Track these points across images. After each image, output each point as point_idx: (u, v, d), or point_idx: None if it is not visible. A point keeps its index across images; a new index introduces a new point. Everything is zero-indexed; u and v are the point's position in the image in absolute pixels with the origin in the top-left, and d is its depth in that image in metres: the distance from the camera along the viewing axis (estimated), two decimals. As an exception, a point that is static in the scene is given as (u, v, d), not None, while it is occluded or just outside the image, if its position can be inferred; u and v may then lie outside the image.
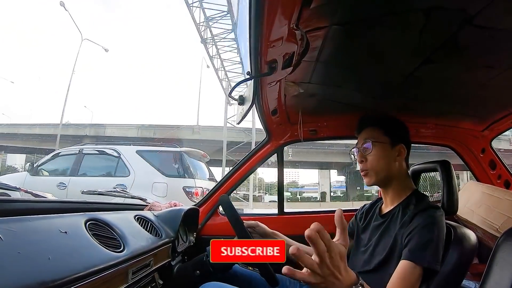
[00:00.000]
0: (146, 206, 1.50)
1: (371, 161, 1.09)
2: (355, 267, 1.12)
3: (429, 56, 0.96)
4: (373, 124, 1.13)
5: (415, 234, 0.93)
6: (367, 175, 1.11)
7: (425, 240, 0.91)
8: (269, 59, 0.90)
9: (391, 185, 1.11)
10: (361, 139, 1.14)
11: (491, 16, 0.75)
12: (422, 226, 0.93)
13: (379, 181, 1.10)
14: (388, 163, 1.08)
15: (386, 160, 1.08)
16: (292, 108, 1.44)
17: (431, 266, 0.88)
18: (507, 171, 1.65)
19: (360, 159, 1.12)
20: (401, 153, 1.10)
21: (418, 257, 0.89)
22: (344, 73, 1.17)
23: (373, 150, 1.09)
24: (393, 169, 1.09)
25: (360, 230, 1.19)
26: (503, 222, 1.32)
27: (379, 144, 1.08)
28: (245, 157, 1.74)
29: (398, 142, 1.10)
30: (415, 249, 0.91)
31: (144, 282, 0.99)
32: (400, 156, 1.10)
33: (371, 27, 0.86)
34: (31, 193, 1.19)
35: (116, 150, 4.48)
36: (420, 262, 0.88)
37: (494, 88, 1.16)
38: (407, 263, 0.90)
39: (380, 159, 1.08)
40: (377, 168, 1.08)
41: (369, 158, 1.09)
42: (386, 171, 1.09)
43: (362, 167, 1.11)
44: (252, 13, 0.69)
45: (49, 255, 0.61)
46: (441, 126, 1.63)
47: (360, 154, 1.12)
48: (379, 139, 1.09)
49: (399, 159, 1.10)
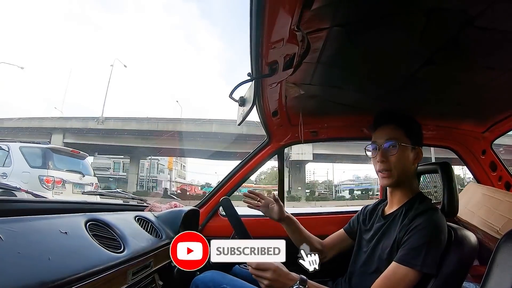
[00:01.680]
0: (147, 207, 1.50)
1: (394, 163, 1.05)
2: (357, 266, 1.12)
3: (430, 57, 0.96)
4: (395, 123, 1.09)
5: (411, 236, 0.93)
6: (387, 176, 1.07)
7: (418, 244, 0.91)
8: (270, 61, 0.90)
9: (402, 187, 1.10)
10: (382, 137, 1.08)
11: (492, 17, 0.75)
12: (419, 229, 0.93)
13: (396, 182, 1.07)
14: (408, 165, 1.07)
15: (406, 163, 1.06)
16: (292, 109, 1.44)
17: (423, 269, 0.89)
18: (508, 173, 1.64)
19: (381, 159, 1.07)
20: (418, 156, 1.09)
21: (406, 260, 0.90)
22: (345, 75, 1.17)
23: (398, 152, 1.04)
24: (410, 172, 1.08)
25: (363, 231, 1.19)
26: (503, 224, 1.32)
27: (403, 146, 1.05)
28: (246, 158, 1.74)
29: (417, 145, 1.08)
30: (406, 252, 0.92)
31: (144, 283, 0.99)
32: (417, 159, 1.09)
33: (372, 29, 0.86)
34: (32, 193, 1.19)
35: (7, 146, 5.63)
36: (410, 265, 0.89)
37: (495, 89, 1.16)
38: (395, 264, 0.91)
39: (402, 161, 1.05)
40: (399, 169, 1.05)
41: (392, 159, 1.05)
42: (405, 173, 1.07)
43: (383, 167, 1.07)
44: (253, 14, 0.70)
45: (49, 255, 0.61)
46: (442, 127, 1.62)
47: (382, 153, 1.07)
48: (403, 140, 1.05)
49: (416, 162, 1.09)
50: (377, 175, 1.12)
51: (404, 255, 0.91)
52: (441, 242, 0.93)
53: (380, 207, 1.20)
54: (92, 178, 6.55)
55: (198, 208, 1.65)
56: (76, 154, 6.45)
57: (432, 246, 0.91)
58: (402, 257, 0.91)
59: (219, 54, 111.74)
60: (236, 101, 1.10)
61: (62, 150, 6.45)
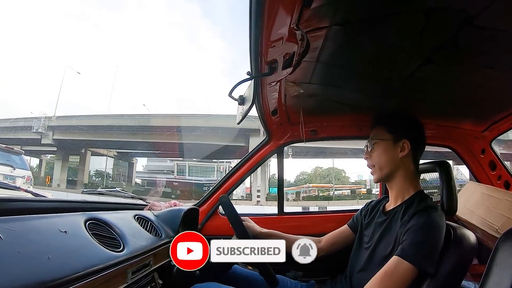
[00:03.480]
0: (146, 206, 1.50)
1: (375, 158, 1.15)
2: (358, 262, 1.13)
3: (430, 57, 0.96)
4: (379, 123, 1.19)
5: (411, 233, 0.95)
6: (373, 172, 1.17)
7: (418, 240, 0.92)
8: (269, 59, 0.90)
9: (395, 182, 1.13)
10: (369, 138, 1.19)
11: (492, 16, 0.75)
12: (419, 226, 0.95)
13: (383, 177, 1.15)
14: (391, 159, 1.12)
15: (388, 157, 1.12)
16: (292, 108, 1.44)
17: (422, 266, 0.90)
18: (507, 172, 1.64)
19: (365, 156, 1.19)
20: (404, 148, 1.11)
21: (407, 255, 0.91)
22: (344, 74, 1.17)
23: (375, 148, 1.15)
24: (396, 165, 1.12)
25: (364, 226, 1.22)
26: (503, 223, 1.32)
27: (381, 141, 1.14)
28: (245, 157, 1.74)
29: (401, 138, 1.12)
30: (406, 247, 0.93)
31: (143, 282, 0.99)
32: (403, 152, 1.11)
33: (372, 28, 0.86)
34: (31, 192, 1.19)
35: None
36: (409, 260, 0.90)
37: (494, 88, 1.16)
38: (395, 258, 0.93)
39: (381, 156, 1.13)
40: (380, 164, 1.14)
41: (372, 155, 1.16)
42: (388, 167, 1.13)
43: (368, 163, 1.18)
44: (253, 13, 0.69)
45: (49, 255, 0.62)
46: (441, 126, 1.62)
47: (366, 152, 1.19)
48: (382, 136, 1.14)
49: (403, 155, 1.11)
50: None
51: (403, 250, 0.93)
52: (440, 241, 0.94)
53: (382, 203, 1.23)
54: (26, 172, 7.72)
55: (197, 207, 1.65)
56: (11, 150, 7.49)
57: (431, 244, 0.92)
58: (401, 252, 0.93)
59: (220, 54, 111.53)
60: (235, 99, 1.09)
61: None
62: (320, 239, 1.33)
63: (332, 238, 1.33)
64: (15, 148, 7.86)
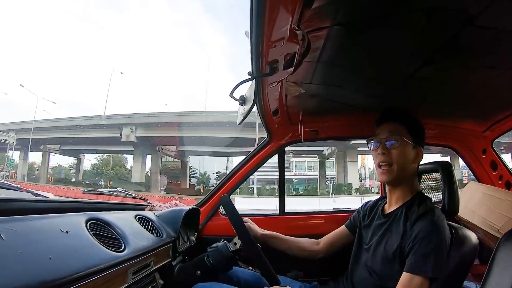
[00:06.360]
0: (147, 206, 1.50)
1: (395, 156, 1.06)
2: (358, 263, 1.13)
3: (431, 57, 0.96)
4: (400, 120, 1.10)
5: (416, 243, 0.93)
6: (387, 171, 1.07)
7: (426, 251, 0.91)
8: (270, 60, 0.90)
9: (401, 186, 1.10)
10: (385, 131, 1.10)
11: (493, 16, 0.75)
12: (423, 236, 0.93)
13: (396, 179, 1.08)
14: (408, 163, 1.08)
15: (407, 160, 1.07)
16: (293, 108, 1.44)
17: (434, 275, 0.89)
18: (509, 172, 1.64)
19: (383, 151, 1.07)
20: (418, 156, 1.09)
21: (419, 269, 0.90)
22: (346, 74, 1.17)
23: (400, 146, 1.06)
24: (409, 170, 1.09)
25: (363, 227, 1.20)
26: (504, 223, 1.32)
27: (405, 141, 1.06)
28: (246, 157, 1.74)
29: (418, 145, 1.09)
30: (416, 260, 0.91)
31: (144, 282, 0.99)
32: (418, 159, 1.09)
33: (373, 28, 0.86)
34: (32, 192, 1.19)
35: None
36: (423, 273, 0.89)
37: (496, 88, 1.16)
38: (408, 275, 0.91)
39: (403, 156, 1.06)
40: (399, 164, 1.06)
41: (394, 152, 1.06)
42: (405, 171, 1.08)
43: (384, 159, 1.07)
44: (254, 13, 0.69)
45: (50, 255, 0.61)
46: (442, 126, 1.62)
47: (384, 146, 1.08)
48: (404, 136, 1.07)
49: (416, 162, 1.09)
50: (376, 170, 1.12)
51: (414, 263, 0.92)
52: (446, 245, 0.94)
53: (380, 204, 1.22)
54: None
55: (198, 207, 1.65)
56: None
57: (438, 251, 0.91)
58: (413, 266, 0.92)
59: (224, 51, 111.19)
60: (236, 100, 1.10)
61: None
62: (319, 241, 1.33)
63: (329, 239, 1.32)
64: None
